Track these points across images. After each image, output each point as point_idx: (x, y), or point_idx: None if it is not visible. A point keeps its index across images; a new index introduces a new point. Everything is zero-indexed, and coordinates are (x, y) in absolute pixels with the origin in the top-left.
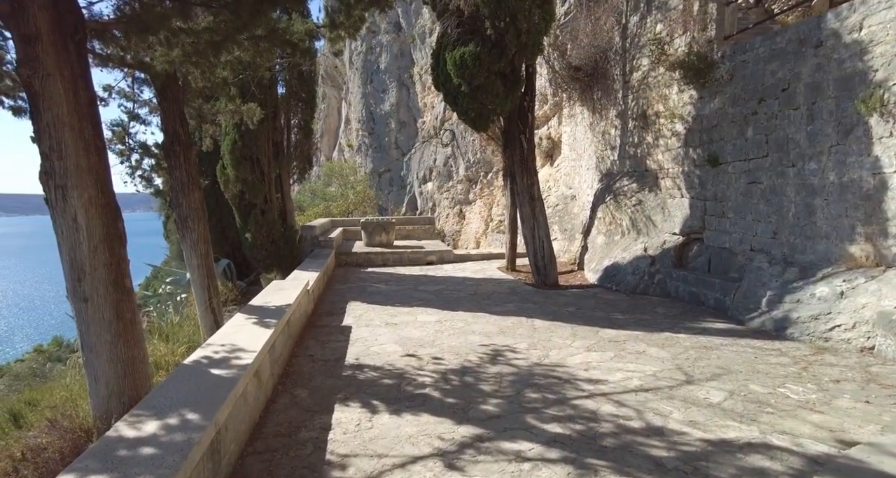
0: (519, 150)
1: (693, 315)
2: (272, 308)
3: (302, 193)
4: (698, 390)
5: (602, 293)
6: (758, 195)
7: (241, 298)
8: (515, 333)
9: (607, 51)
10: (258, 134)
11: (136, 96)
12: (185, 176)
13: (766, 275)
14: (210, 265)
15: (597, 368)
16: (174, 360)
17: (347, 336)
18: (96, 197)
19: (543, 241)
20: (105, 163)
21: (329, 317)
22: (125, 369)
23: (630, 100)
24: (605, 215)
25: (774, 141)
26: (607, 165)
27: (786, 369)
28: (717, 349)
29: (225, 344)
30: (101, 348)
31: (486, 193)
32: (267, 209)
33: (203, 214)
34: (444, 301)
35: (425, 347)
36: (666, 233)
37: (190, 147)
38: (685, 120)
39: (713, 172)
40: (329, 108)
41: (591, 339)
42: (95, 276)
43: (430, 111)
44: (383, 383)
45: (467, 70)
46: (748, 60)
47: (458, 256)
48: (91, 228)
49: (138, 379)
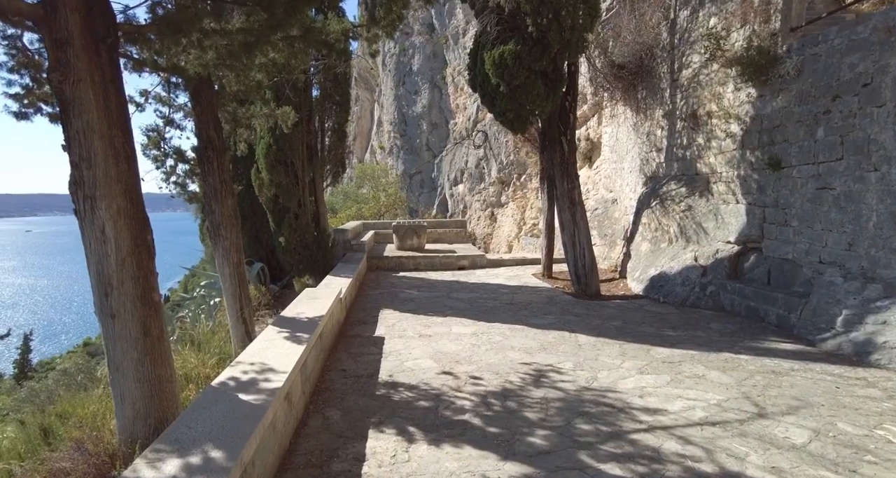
0: (559, 152)
1: (753, 333)
2: (304, 320)
3: (334, 195)
4: (775, 426)
5: (649, 305)
6: (829, 202)
7: (273, 302)
8: (558, 350)
9: (653, 47)
10: (292, 137)
11: (172, 101)
12: (218, 182)
13: (841, 291)
14: (242, 274)
15: (653, 394)
16: (205, 372)
17: (380, 348)
18: (125, 207)
19: (584, 248)
20: (135, 171)
21: (361, 326)
22: (152, 389)
23: (678, 99)
24: (651, 221)
25: (852, 142)
26: (652, 167)
27: (879, 404)
28: (787, 375)
29: (255, 362)
30: (127, 367)
31: (520, 195)
32: (300, 213)
33: (236, 221)
34: (478, 311)
35: (462, 364)
36: (719, 241)
37: (224, 152)
38: (742, 120)
39: (774, 177)
40: (362, 111)
41: (642, 359)
42: (123, 290)
43: (462, 113)
44: (419, 405)
45: (507, 69)
46: (820, 54)
47: (491, 262)
48: (119, 240)
49: (165, 400)
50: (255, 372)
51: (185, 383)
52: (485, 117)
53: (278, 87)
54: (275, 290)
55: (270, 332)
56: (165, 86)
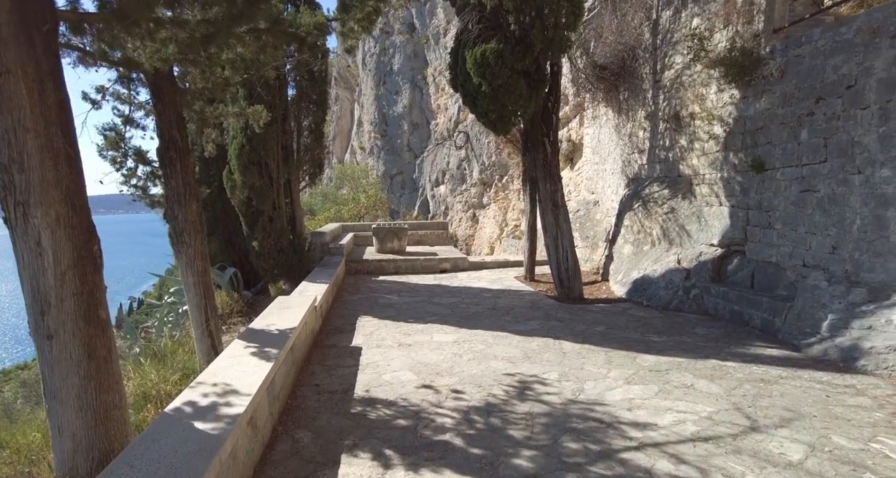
0: (542, 154)
1: (738, 338)
2: (274, 333)
3: (313, 197)
4: (768, 440)
5: (632, 309)
6: (813, 205)
7: (246, 310)
8: (543, 358)
9: (636, 48)
10: (266, 137)
11: (132, 98)
12: (181, 185)
13: (826, 295)
14: (208, 284)
15: (642, 407)
16: (166, 390)
17: (357, 360)
18: (65, 215)
19: (567, 251)
20: (77, 175)
21: (337, 335)
22: (96, 418)
23: (661, 100)
24: (633, 223)
25: (836, 144)
26: (634, 169)
27: (870, 414)
28: (777, 384)
29: (216, 383)
30: (67, 394)
31: (501, 196)
32: (275, 216)
33: (201, 227)
34: (460, 317)
35: (443, 376)
36: (702, 244)
37: (188, 153)
38: (725, 122)
39: (758, 179)
40: (342, 110)
41: (628, 367)
42: (63, 308)
43: (443, 113)
44: (397, 424)
45: (489, 69)
46: (804, 55)
47: (473, 264)
48: (58, 252)
49: (112, 429)
50: (216, 395)
51: (142, 403)
52: (466, 118)
53: (251, 86)
54: (248, 296)
55: (236, 347)
56: (124, 82)
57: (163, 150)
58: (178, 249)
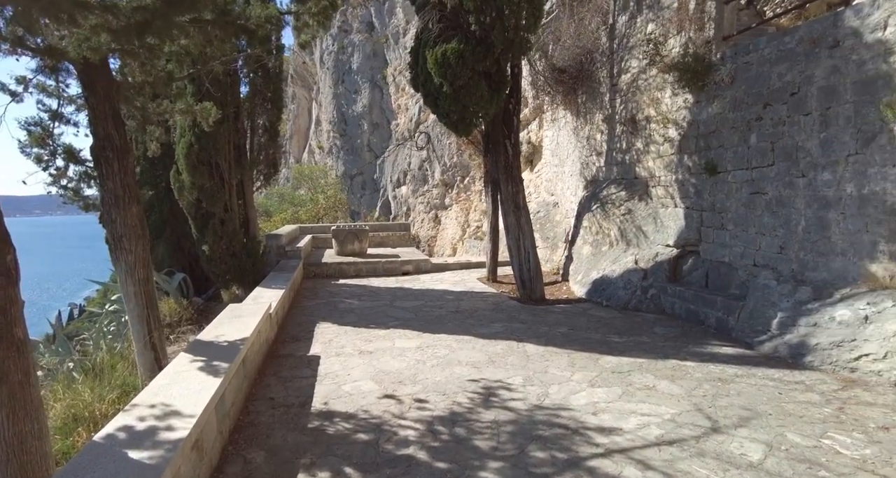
0: (503, 155)
1: (695, 337)
2: (224, 345)
3: (268, 198)
4: (729, 441)
5: (592, 309)
6: (762, 207)
7: (197, 317)
8: (507, 362)
9: (593, 52)
10: (217, 136)
11: (61, 91)
12: (119, 187)
13: (775, 294)
14: (150, 293)
15: (606, 410)
16: (102, 410)
17: (315, 370)
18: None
19: (529, 252)
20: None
21: (294, 343)
22: (9, 451)
23: (618, 103)
24: (592, 225)
25: (782, 149)
26: (592, 171)
27: (820, 410)
28: (733, 382)
29: (156, 404)
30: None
31: (463, 198)
32: (227, 219)
33: (143, 232)
34: (424, 321)
35: (406, 385)
36: (658, 245)
37: (127, 153)
38: (679, 125)
39: (711, 181)
40: (299, 109)
41: (591, 370)
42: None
43: (404, 113)
44: (358, 439)
45: (450, 69)
46: (751, 62)
47: (436, 266)
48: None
49: (29, 462)
50: (155, 418)
51: (72, 426)
52: (427, 119)
53: (199, 81)
54: (199, 303)
55: (181, 361)
56: (49, 72)
57: (98, 148)
58: (116, 256)
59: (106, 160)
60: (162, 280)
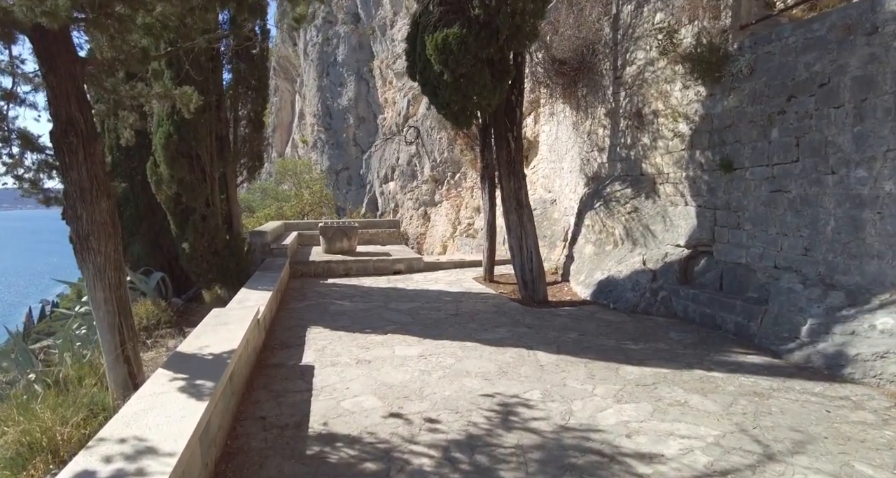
0: (505, 149)
1: (715, 344)
2: (208, 359)
3: (251, 193)
4: (790, 473)
5: (600, 313)
6: (784, 205)
7: (177, 319)
8: (520, 373)
9: (595, 43)
10: (198, 126)
11: (15, 68)
12: (85, 178)
13: (802, 298)
14: (123, 299)
15: (640, 431)
16: (66, 434)
17: (310, 383)
18: None
19: (532, 252)
20: None
21: (284, 351)
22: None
23: (622, 97)
24: (594, 223)
25: (808, 144)
26: (594, 167)
27: (881, 432)
28: (772, 398)
29: (127, 438)
30: None
31: (454, 194)
32: (209, 214)
33: (114, 229)
34: (422, 325)
35: (412, 401)
36: (668, 245)
37: (94, 139)
38: (690, 120)
39: (726, 178)
40: (282, 102)
41: (613, 382)
42: None
43: (391, 107)
44: (366, 470)
45: (451, 55)
46: (774, 52)
47: (429, 265)
48: None
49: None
50: (125, 457)
51: (28, 456)
52: (416, 112)
53: (178, 63)
54: (178, 304)
55: (159, 380)
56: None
57: (59, 133)
58: (83, 258)
59: (69, 147)
60: (138, 280)
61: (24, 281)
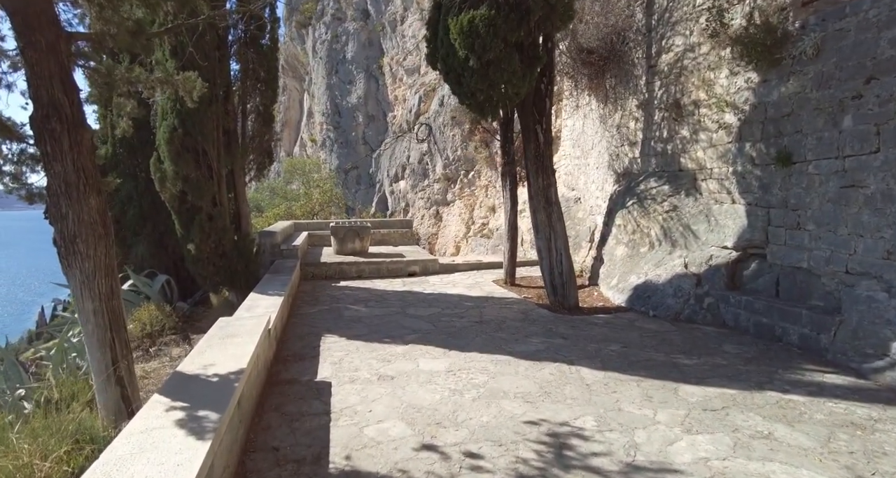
0: (533, 143)
1: (780, 358)
2: (213, 381)
3: (260, 192)
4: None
5: (639, 321)
6: (860, 203)
7: (181, 326)
8: (565, 394)
9: (625, 30)
10: (204, 119)
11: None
12: (71, 171)
13: (889, 309)
14: (116, 311)
15: (727, 474)
16: (46, 470)
17: (327, 403)
18: None
19: (562, 254)
20: None
21: (298, 364)
22: None
23: (657, 87)
24: (627, 222)
25: (892, 132)
26: (625, 163)
27: None
28: (877, 431)
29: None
30: None
31: (468, 193)
32: (216, 214)
33: (105, 230)
34: (446, 334)
35: (446, 428)
36: (712, 246)
37: (81, 126)
38: (739, 109)
39: (782, 173)
40: (290, 101)
41: (675, 405)
42: None
43: (401, 105)
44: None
45: (478, 39)
46: (848, 29)
47: (444, 266)
48: None
49: None
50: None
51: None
52: (428, 109)
53: (183, 53)
54: (184, 308)
55: (153, 411)
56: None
57: (40, 119)
58: (68, 263)
59: (52, 135)
60: (142, 283)
61: (37, 281)
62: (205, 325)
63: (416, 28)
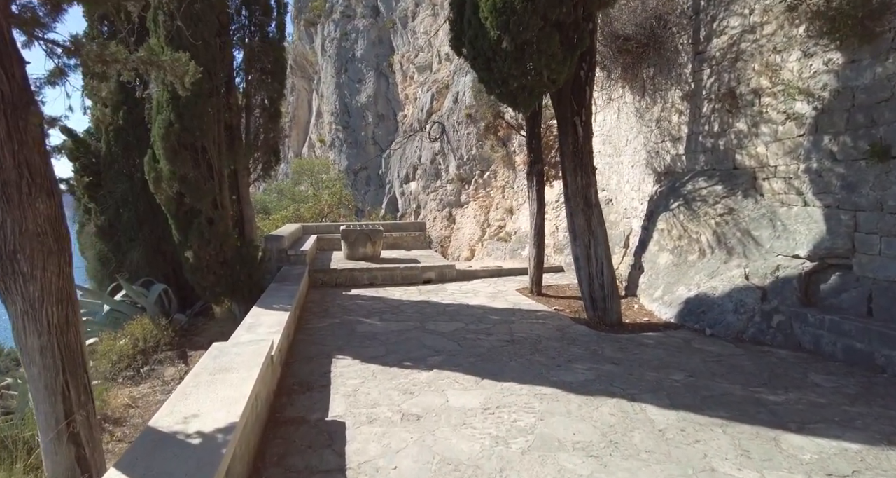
0: (571, 137)
1: (892, 395)
2: (194, 444)
3: (268, 193)
4: None
5: (696, 341)
6: None
7: (179, 341)
8: (635, 444)
9: (668, 14)
10: (204, 113)
11: None
12: (10, 166)
13: None
14: (73, 347)
15: None
16: None
17: (341, 455)
18: None
19: (603, 263)
20: None
21: (305, 395)
22: None
23: (706, 76)
24: (671, 227)
25: None
26: (666, 161)
27: None
28: None
29: None
30: None
31: (483, 194)
32: (216, 218)
33: (58, 244)
34: (474, 355)
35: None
36: (779, 255)
37: (24, 107)
38: (815, 96)
39: (876, 170)
40: (298, 101)
41: (783, 465)
42: None
43: (412, 103)
44: None
45: (514, 16)
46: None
47: (462, 273)
48: None
49: None
50: None
51: None
52: (440, 108)
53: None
54: (182, 321)
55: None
56: None
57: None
58: (5, 286)
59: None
60: (137, 293)
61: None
62: (204, 339)
63: (428, 24)
